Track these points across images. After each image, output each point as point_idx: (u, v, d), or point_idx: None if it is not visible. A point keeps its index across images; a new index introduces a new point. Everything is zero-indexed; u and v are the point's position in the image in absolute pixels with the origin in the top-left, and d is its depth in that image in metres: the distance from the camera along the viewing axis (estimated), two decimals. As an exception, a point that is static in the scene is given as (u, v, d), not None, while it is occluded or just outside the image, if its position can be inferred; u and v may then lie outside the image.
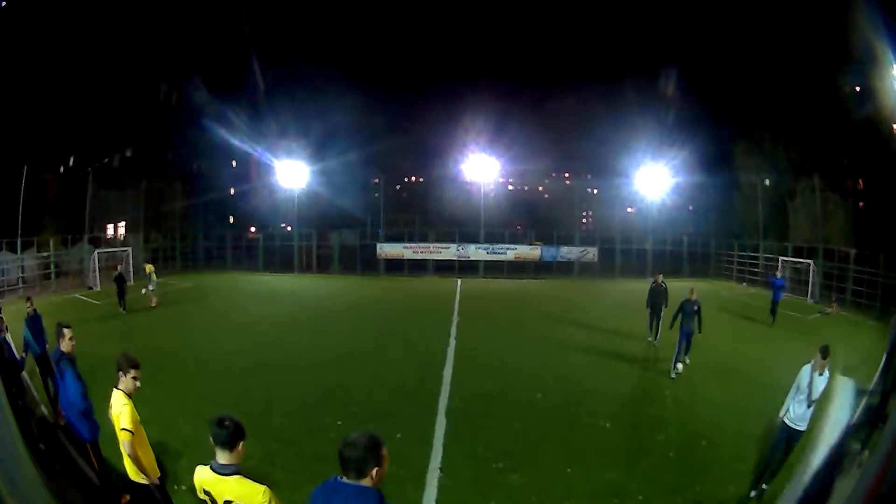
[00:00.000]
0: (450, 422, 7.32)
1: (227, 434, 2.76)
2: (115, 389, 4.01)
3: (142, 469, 3.89)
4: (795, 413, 5.47)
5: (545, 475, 5.91)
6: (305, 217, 29.84)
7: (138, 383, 4.09)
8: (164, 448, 6.15)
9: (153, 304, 16.23)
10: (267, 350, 11.40)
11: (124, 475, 3.99)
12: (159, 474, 4.10)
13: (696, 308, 9.92)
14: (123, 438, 3.81)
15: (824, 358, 5.47)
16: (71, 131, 22.85)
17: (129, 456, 3.84)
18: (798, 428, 5.45)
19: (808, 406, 5.40)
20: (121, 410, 3.86)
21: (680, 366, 9.81)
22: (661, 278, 12.46)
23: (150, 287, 16.40)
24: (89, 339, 10.04)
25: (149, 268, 17.26)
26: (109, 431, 4.14)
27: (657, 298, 12.20)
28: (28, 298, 8.57)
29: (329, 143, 29.63)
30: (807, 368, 5.52)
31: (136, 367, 4.07)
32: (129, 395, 3.99)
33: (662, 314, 11.98)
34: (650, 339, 12.27)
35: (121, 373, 4.02)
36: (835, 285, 18.75)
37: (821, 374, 5.46)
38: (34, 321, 7.87)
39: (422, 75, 37.11)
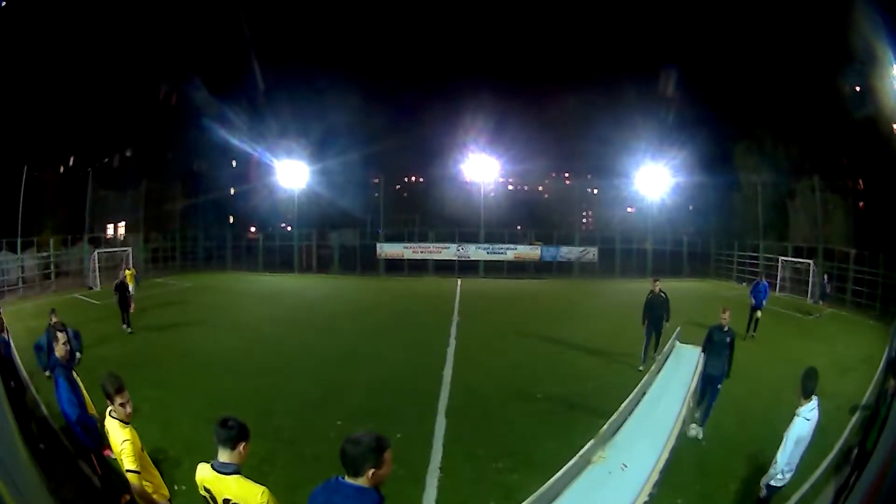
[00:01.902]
0: (450, 422, 7.32)
1: (228, 434, 2.79)
2: (109, 416, 3.71)
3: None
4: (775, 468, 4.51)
5: (545, 475, 5.90)
6: (305, 217, 29.88)
7: (129, 408, 3.73)
8: (165, 448, 6.15)
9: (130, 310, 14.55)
10: (267, 350, 11.40)
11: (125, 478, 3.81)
12: (168, 496, 3.86)
13: (728, 339, 7.08)
14: (131, 481, 3.49)
15: (805, 393, 4.42)
16: (71, 131, 22.85)
17: (139, 497, 3.54)
18: (774, 484, 4.53)
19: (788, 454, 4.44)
20: (122, 447, 3.53)
21: (694, 428, 6.74)
22: (659, 286, 10.22)
23: (129, 292, 15.08)
24: (89, 341, 10.06)
25: (127, 272, 15.78)
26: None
27: (656, 311, 10.01)
28: (52, 311, 7.12)
29: (329, 143, 29.70)
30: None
31: (120, 391, 3.69)
32: (125, 423, 3.67)
33: (663, 330, 9.96)
34: (642, 367, 9.67)
35: (108, 401, 3.71)
36: (830, 284, 18.35)
37: (796, 413, 4.43)
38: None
39: (422, 75, 37.11)
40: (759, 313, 12.79)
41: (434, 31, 35.72)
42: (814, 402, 4.45)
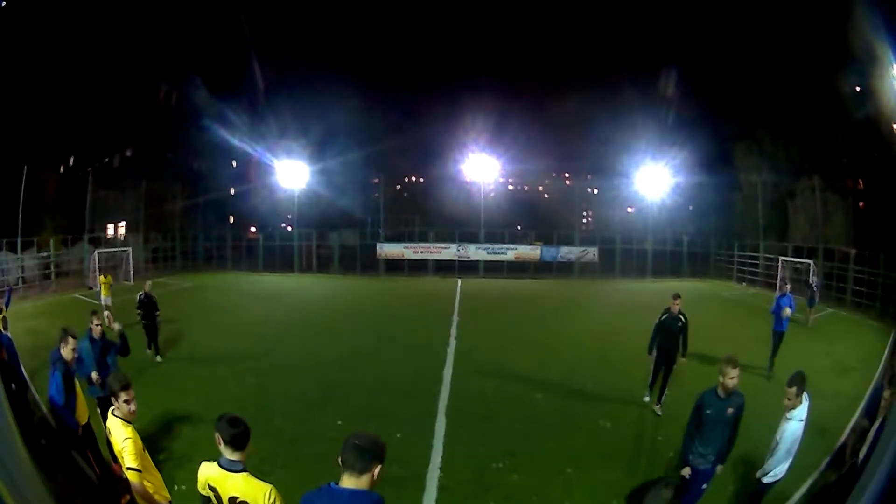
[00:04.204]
0: (450, 422, 7.32)
1: (238, 432, 2.77)
2: (111, 416, 3.71)
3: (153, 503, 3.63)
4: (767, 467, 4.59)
5: (545, 475, 5.91)
6: (305, 217, 29.88)
7: (132, 406, 3.73)
8: (165, 448, 6.16)
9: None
10: (267, 350, 11.38)
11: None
12: (169, 497, 3.84)
13: (730, 412, 4.59)
14: (132, 479, 3.46)
15: (792, 393, 4.43)
16: (71, 131, 22.85)
17: (139, 496, 3.51)
18: (765, 480, 4.60)
19: (772, 455, 4.51)
20: (123, 446, 3.53)
21: None
22: (678, 306, 7.72)
23: (104, 302, 13.03)
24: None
25: (102, 279, 13.89)
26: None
27: (671, 339, 7.68)
28: (94, 313, 6.69)
29: (329, 143, 29.70)
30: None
31: (126, 388, 3.71)
32: (128, 422, 3.67)
33: (675, 366, 7.76)
34: (656, 406, 7.79)
35: (113, 398, 3.71)
36: (819, 290, 17.40)
37: (788, 417, 4.47)
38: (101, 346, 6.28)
39: (422, 75, 37.12)
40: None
41: (434, 32, 35.74)
42: (805, 403, 4.50)
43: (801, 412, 4.47)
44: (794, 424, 4.44)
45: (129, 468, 3.50)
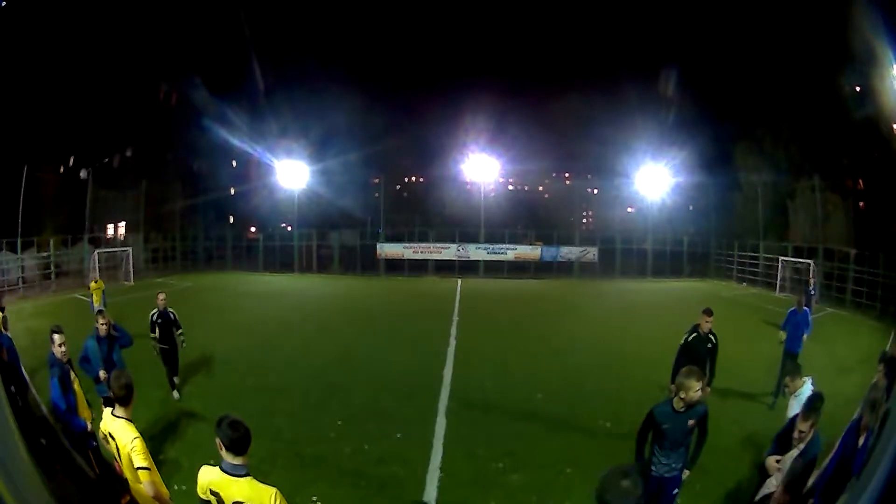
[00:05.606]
0: (450, 422, 7.32)
1: (241, 437, 2.75)
2: (112, 417, 3.60)
3: (163, 503, 3.55)
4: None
5: (545, 475, 5.91)
6: (305, 217, 29.88)
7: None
8: (164, 448, 6.16)
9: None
10: (267, 350, 11.40)
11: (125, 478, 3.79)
12: (168, 494, 3.75)
13: (690, 422, 4.06)
14: (144, 479, 3.38)
15: (788, 380, 5.14)
16: (71, 131, 22.84)
17: (151, 495, 3.42)
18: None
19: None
20: (133, 446, 3.46)
21: None
22: (709, 324, 6.70)
23: (96, 308, 12.13)
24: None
25: (94, 285, 13.29)
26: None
27: (696, 364, 5.64)
28: (100, 312, 6.76)
29: (329, 143, 29.66)
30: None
31: (128, 389, 3.66)
32: (131, 421, 3.61)
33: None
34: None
35: (119, 402, 3.60)
36: (816, 292, 16.95)
37: (795, 395, 4.98)
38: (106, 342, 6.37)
39: (422, 75, 37.12)
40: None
41: (435, 32, 35.76)
42: (807, 382, 4.99)
43: (806, 389, 4.87)
44: (803, 398, 4.77)
45: (140, 468, 3.45)
